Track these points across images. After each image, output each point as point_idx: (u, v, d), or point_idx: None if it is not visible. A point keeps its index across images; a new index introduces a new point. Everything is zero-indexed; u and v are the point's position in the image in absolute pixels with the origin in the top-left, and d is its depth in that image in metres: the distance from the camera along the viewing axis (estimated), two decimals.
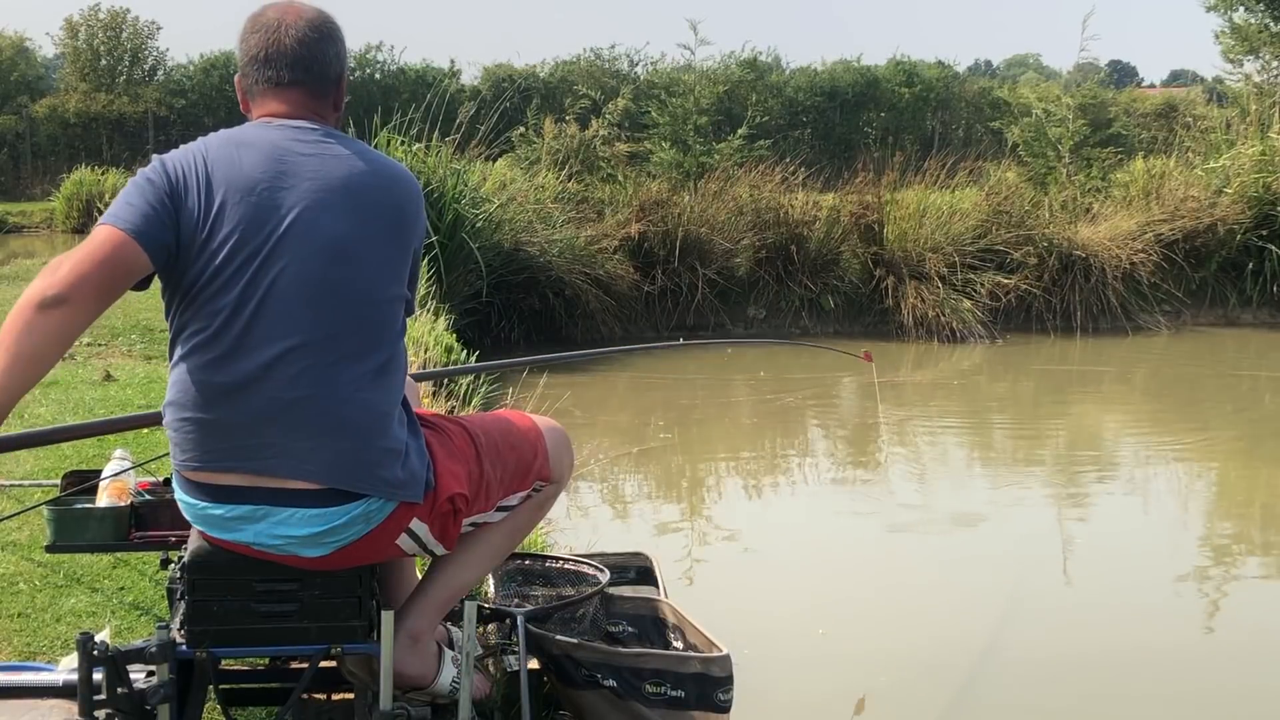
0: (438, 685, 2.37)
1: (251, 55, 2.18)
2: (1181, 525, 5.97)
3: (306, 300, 2.02)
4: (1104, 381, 9.82)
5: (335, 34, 2.23)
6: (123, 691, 2.00)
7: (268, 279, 2.01)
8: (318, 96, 2.21)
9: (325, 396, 2.03)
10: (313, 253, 2.03)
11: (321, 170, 2.09)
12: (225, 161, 2.06)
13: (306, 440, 2.02)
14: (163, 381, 6.51)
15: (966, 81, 27.64)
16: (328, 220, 2.05)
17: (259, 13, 2.21)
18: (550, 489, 2.46)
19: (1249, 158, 12.14)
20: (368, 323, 2.09)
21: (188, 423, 2.05)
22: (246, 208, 2.02)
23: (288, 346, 2.01)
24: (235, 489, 2.04)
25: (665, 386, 9.08)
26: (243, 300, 2.00)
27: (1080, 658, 4.08)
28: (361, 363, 2.06)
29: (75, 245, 2.01)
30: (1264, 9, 19.60)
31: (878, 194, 11.34)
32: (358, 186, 2.10)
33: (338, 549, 2.07)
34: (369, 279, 2.09)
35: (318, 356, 2.03)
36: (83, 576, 3.49)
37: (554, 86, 23.80)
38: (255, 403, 2.01)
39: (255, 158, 2.07)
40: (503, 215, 10.17)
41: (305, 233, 2.03)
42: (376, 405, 2.07)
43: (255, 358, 2.00)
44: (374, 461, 2.05)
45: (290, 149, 2.10)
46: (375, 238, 2.11)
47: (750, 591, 4.69)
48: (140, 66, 25.65)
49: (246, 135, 2.11)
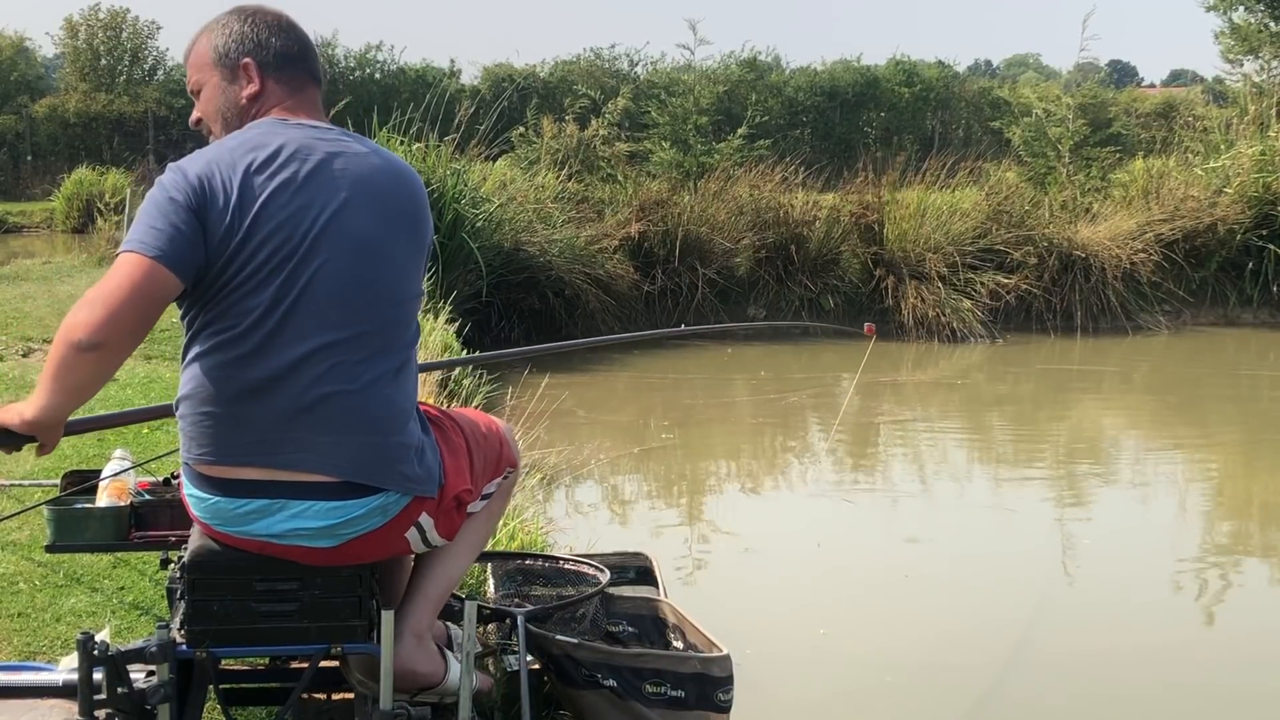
0: (448, 682, 2.37)
1: (278, 51, 2.18)
2: (1181, 525, 5.97)
3: (338, 299, 2.04)
4: (1104, 381, 9.82)
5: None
6: (123, 691, 2.00)
7: (303, 278, 2.01)
8: (320, 99, 2.27)
9: (351, 393, 2.05)
10: (345, 251, 2.05)
11: (347, 169, 2.10)
12: (251, 164, 2.03)
13: (330, 435, 2.03)
14: (163, 381, 6.54)
15: (966, 81, 27.64)
16: (358, 219, 2.07)
17: (261, 10, 2.21)
18: (514, 474, 2.52)
19: (1249, 158, 12.14)
20: (391, 321, 2.11)
21: (207, 417, 2.04)
22: (279, 209, 2.02)
23: (318, 344, 2.02)
24: (252, 483, 2.04)
25: (665, 386, 9.08)
26: (277, 299, 2.00)
27: (1080, 657, 4.08)
28: (385, 360, 2.09)
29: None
30: (1264, 9, 19.60)
31: (878, 194, 11.34)
32: (380, 186, 2.12)
33: (348, 541, 2.08)
34: (394, 278, 2.12)
35: (346, 354, 2.04)
36: (83, 576, 3.49)
37: (554, 86, 23.79)
38: (282, 399, 2.02)
39: (281, 158, 2.06)
40: (503, 215, 10.17)
41: (339, 231, 2.05)
42: (397, 402, 2.10)
43: (285, 355, 2.01)
44: (394, 457, 2.08)
45: (315, 148, 2.10)
46: (399, 236, 2.14)
47: (750, 591, 4.69)
48: (140, 66, 25.67)
49: (266, 137, 2.08)
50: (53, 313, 8.88)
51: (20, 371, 6.75)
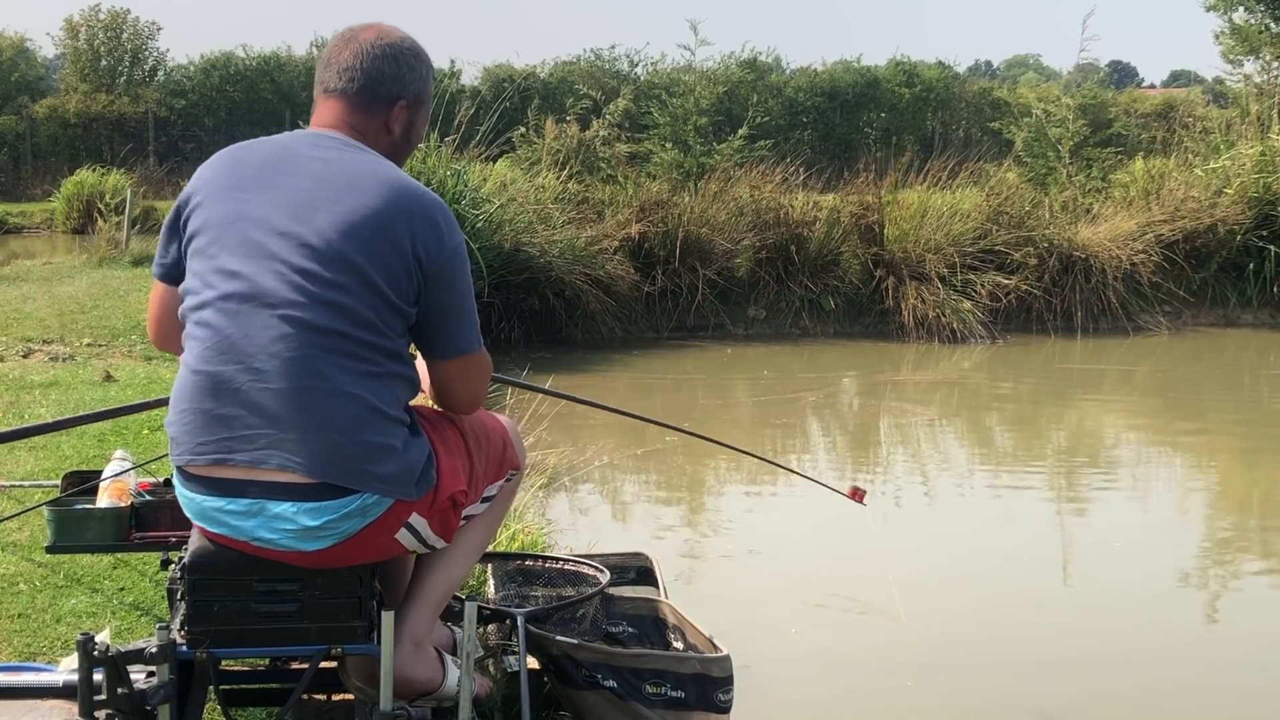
0: (446, 688, 2.36)
1: (319, 60, 2.25)
2: (1181, 525, 5.98)
3: (297, 295, 2.04)
4: (1104, 382, 9.82)
5: (405, 58, 2.23)
6: (123, 692, 2.00)
7: (246, 273, 2.04)
8: (361, 111, 2.21)
9: (314, 389, 2.02)
10: (290, 253, 2.04)
11: (322, 173, 2.09)
12: (220, 168, 2.15)
13: (295, 431, 2.01)
14: (163, 382, 6.54)
15: (966, 82, 27.68)
16: (310, 223, 2.05)
17: (350, 26, 2.28)
18: (518, 476, 2.51)
19: (1249, 158, 12.14)
20: (362, 320, 2.06)
21: (185, 414, 2.07)
22: (226, 209, 2.09)
23: (277, 336, 2.01)
24: (232, 482, 2.04)
25: (665, 387, 9.08)
26: (227, 296, 2.05)
27: (1081, 657, 4.08)
28: (352, 358, 2.05)
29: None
30: (1264, 9, 19.58)
31: (878, 194, 11.34)
32: (352, 191, 2.08)
33: (336, 543, 2.06)
34: (361, 281, 2.06)
35: (307, 349, 2.02)
36: (83, 577, 3.49)
37: (554, 87, 23.82)
38: (245, 394, 2.01)
39: (252, 159, 2.13)
40: (503, 216, 10.17)
41: (281, 236, 2.05)
42: (367, 400, 2.05)
43: (244, 348, 2.02)
44: (362, 456, 2.03)
45: (298, 152, 2.14)
46: (362, 241, 2.06)
47: (751, 592, 4.69)
48: (140, 67, 25.68)
49: (258, 142, 2.20)
50: (53, 313, 8.89)
51: (21, 372, 6.75)
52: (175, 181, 21.48)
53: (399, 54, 2.22)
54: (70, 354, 7.46)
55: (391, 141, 2.25)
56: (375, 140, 2.21)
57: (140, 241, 13.21)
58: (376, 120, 2.22)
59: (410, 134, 2.29)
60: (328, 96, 2.23)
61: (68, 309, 9.14)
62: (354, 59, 2.20)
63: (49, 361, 7.19)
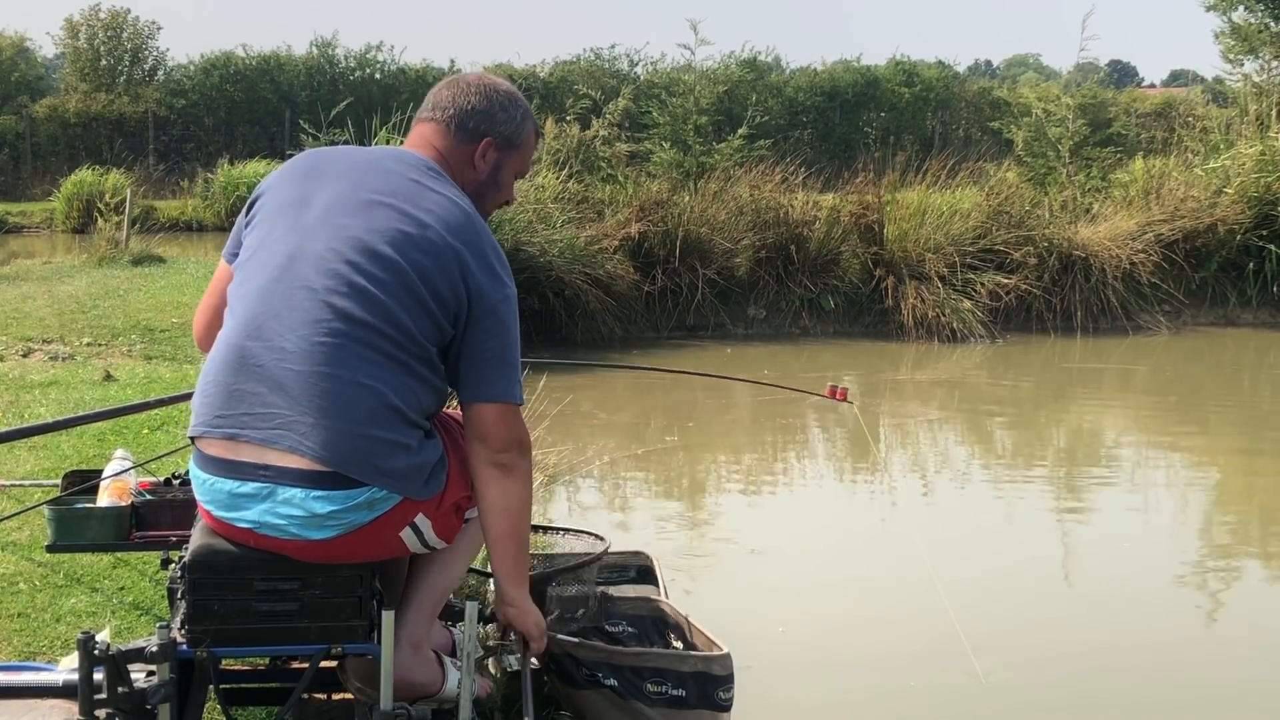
0: (446, 691, 2.37)
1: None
2: (1181, 525, 5.98)
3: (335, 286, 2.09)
4: (1104, 381, 9.82)
5: (499, 98, 2.31)
6: (123, 691, 2.00)
7: (292, 253, 2.11)
8: (449, 139, 2.27)
9: (334, 375, 2.03)
10: (342, 242, 2.10)
11: (397, 185, 2.16)
12: (299, 160, 2.28)
13: (309, 415, 2.02)
14: (163, 382, 6.54)
15: (966, 82, 27.69)
16: (370, 221, 2.11)
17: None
18: None
19: (1249, 158, 12.14)
20: (396, 320, 2.09)
21: (209, 385, 2.11)
22: (292, 193, 2.18)
23: (310, 319, 2.05)
24: (245, 465, 2.05)
25: (665, 387, 9.08)
26: (270, 272, 2.12)
27: (1081, 657, 4.08)
28: (379, 352, 2.07)
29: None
30: (1264, 9, 19.56)
31: (878, 194, 11.34)
32: (420, 207, 2.15)
33: (341, 535, 2.06)
34: (403, 285, 2.10)
35: (336, 336, 2.05)
36: (83, 576, 3.49)
37: (554, 87, 23.82)
38: (268, 370, 2.04)
39: (332, 156, 2.26)
40: (502, 215, 10.16)
41: (337, 225, 2.12)
42: (385, 395, 2.06)
43: (275, 326, 2.06)
44: (371, 449, 2.04)
45: (379, 159, 2.23)
46: (417, 252, 2.11)
47: (751, 591, 4.69)
48: (141, 67, 25.66)
49: (345, 147, 2.43)
50: (53, 313, 8.89)
51: (20, 371, 6.75)
52: (175, 181, 21.48)
53: (493, 94, 2.30)
54: (70, 353, 7.46)
55: (477, 179, 2.29)
56: (460, 172, 2.26)
57: (140, 241, 13.21)
58: (463, 151, 2.28)
59: (498, 177, 2.32)
60: (420, 123, 2.31)
61: (67, 308, 9.13)
62: (451, 95, 2.29)
63: (49, 361, 7.19)
